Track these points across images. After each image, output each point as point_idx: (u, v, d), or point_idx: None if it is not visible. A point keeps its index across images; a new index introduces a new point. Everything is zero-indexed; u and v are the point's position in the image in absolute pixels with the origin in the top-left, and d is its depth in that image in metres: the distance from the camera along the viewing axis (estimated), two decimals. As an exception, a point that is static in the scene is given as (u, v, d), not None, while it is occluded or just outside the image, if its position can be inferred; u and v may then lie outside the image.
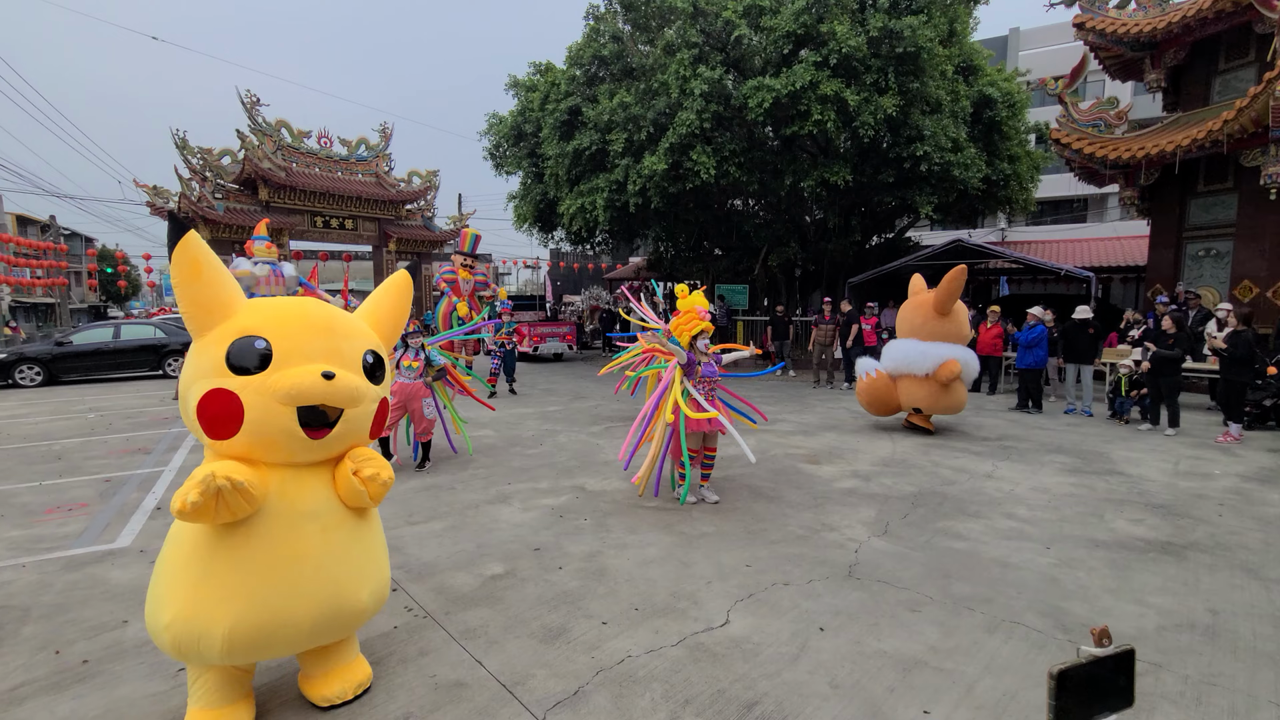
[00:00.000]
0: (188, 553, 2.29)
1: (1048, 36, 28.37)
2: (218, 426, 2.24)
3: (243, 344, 2.28)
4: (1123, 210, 24.33)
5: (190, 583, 2.26)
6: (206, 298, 2.34)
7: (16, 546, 4.41)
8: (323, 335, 2.42)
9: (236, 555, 2.27)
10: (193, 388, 2.28)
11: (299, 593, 2.35)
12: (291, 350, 2.32)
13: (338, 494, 2.51)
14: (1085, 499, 5.39)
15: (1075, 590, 3.67)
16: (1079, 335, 9.47)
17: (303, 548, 2.36)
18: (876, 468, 6.40)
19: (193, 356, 2.36)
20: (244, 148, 21.47)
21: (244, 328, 2.31)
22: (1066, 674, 1.26)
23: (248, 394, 2.23)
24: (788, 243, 15.92)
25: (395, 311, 2.93)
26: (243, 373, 2.25)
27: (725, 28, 12.26)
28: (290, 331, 2.36)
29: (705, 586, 3.72)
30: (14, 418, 9.59)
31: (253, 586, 2.27)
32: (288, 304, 2.51)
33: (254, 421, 2.24)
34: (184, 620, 2.22)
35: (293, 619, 2.34)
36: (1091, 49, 13.45)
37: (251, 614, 2.26)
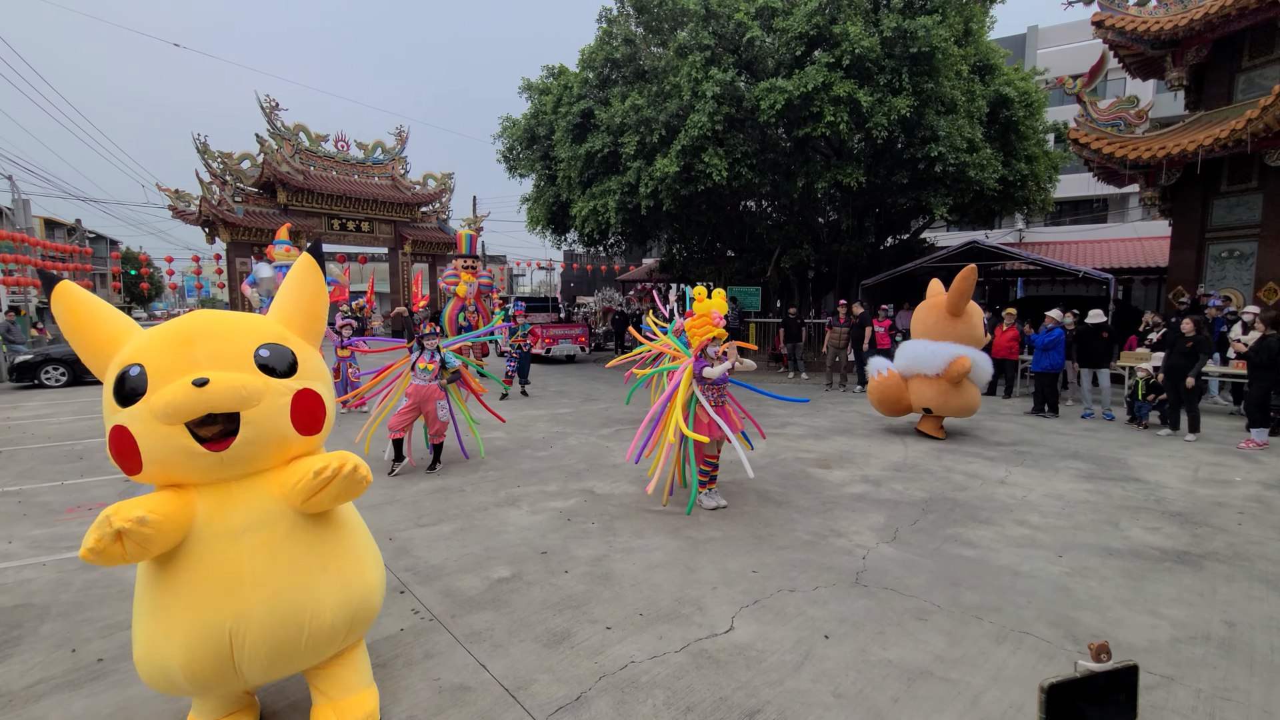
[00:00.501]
0: (141, 584, 2.27)
1: (1066, 35, 27.96)
2: (125, 463, 2.17)
3: (120, 375, 2.18)
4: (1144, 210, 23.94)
5: (142, 618, 2.23)
6: (93, 341, 2.29)
7: (38, 545, 4.52)
8: (196, 343, 2.24)
9: (173, 584, 2.19)
10: (106, 429, 2.22)
11: (243, 613, 2.19)
12: (164, 368, 2.17)
13: (295, 500, 2.31)
14: (1100, 506, 5.30)
15: (1087, 600, 3.62)
16: (1093, 339, 9.34)
17: (240, 565, 2.21)
18: (887, 473, 6.34)
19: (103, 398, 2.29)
20: (263, 152, 21.81)
21: (121, 360, 2.22)
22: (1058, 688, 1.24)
23: (135, 424, 2.13)
24: (800, 244, 15.85)
25: (301, 297, 2.63)
26: (125, 404, 2.15)
27: (737, 29, 12.24)
28: (161, 349, 2.22)
29: (710, 592, 3.72)
30: (39, 418, 9.82)
31: (193, 613, 2.16)
32: (167, 324, 2.37)
33: (150, 450, 2.13)
34: (146, 659, 2.19)
35: (245, 642, 2.19)
36: (1111, 47, 13.24)
37: (199, 643, 2.15)
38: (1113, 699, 1.30)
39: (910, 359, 7.77)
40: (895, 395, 7.94)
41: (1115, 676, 1.30)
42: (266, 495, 2.32)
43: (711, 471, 5.30)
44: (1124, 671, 1.31)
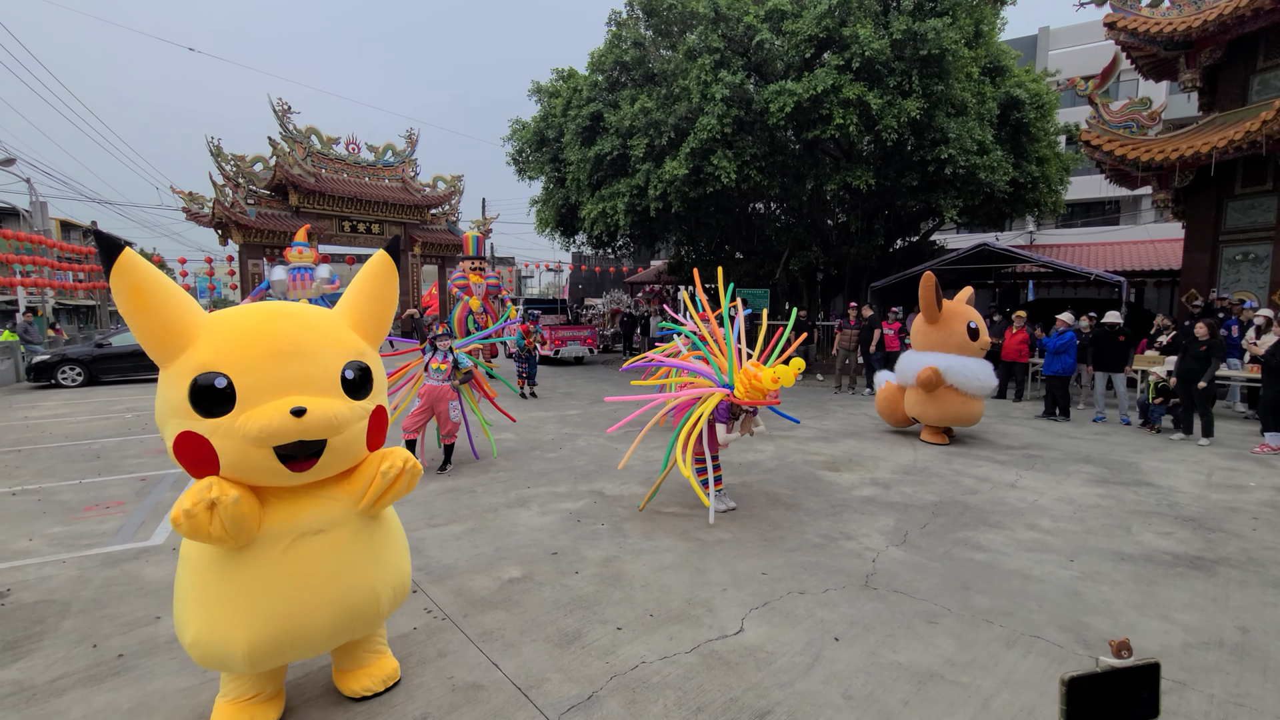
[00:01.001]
0: (199, 573, 2.31)
1: (1078, 36, 27.79)
2: (198, 467, 2.18)
3: (203, 385, 2.10)
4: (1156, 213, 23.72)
5: (204, 606, 2.28)
6: (158, 326, 2.14)
7: (58, 542, 4.60)
8: (288, 361, 2.21)
9: (243, 580, 2.26)
10: (167, 425, 2.20)
11: (311, 608, 2.35)
12: (255, 385, 2.13)
13: (365, 505, 2.46)
14: (1112, 510, 5.28)
15: (1098, 605, 3.61)
16: (1108, 342, 9.28)
17: (310, 566, 2.33)
18: (897, 476, 6.33)
19: (160, 387, 2.23)
20: (275, 154, 22.02)
21: (202, 363, 2.13)
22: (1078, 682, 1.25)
23: (218, 439, 2.11)
24: (809, 246, 15.83)
25: (378, 301, 2.62)
26: (208, 416, 2.11)
27: (747, 32, 12.27)
28: (251, 363, 2.16)
29: (720, 594, 3.74)
30: (57, 417, 9.96)
31: (263, 608, 2.27)
32: (248, 323, 2.26)
33: (231, 464, 2.16)
34: (204, 642, 2.27)
35: (308, 631, 2.36)
36: (1123, 49, 13.17)
37: (265, 633, 2.27)
38: (1135, 696, 1.31)
39: (901, 370, 7.92)
40: (893, 406, 8.14)
41: (1137, 673, 1.31)
42: (334, 500, 2.44)
43: (717, 471, 5.28)
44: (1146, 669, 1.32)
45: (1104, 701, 1.28)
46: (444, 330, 6.47)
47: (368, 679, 2.73)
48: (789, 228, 16.38)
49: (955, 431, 8.10)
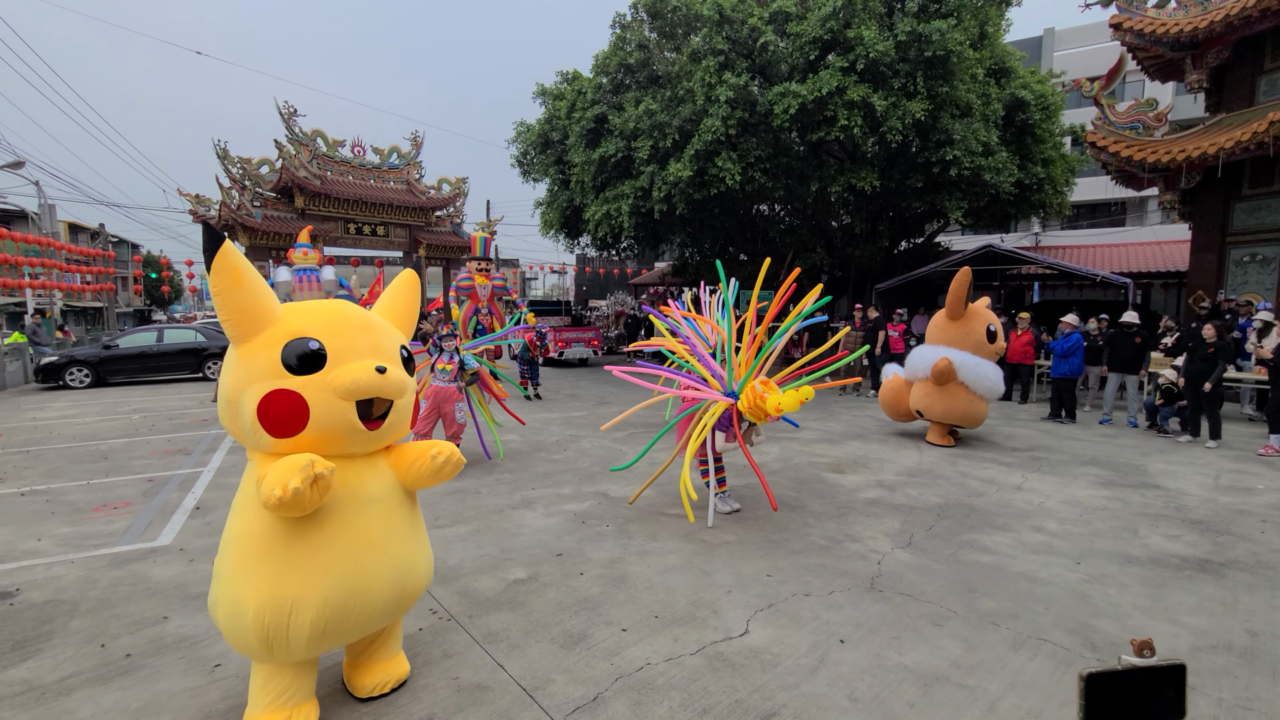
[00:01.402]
0: (262, 546, 2.37)
1: (1084, 37, 27.72)
2: (284, 425, 2.33)
3: (297, 345, 2.37)
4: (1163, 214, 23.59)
5: (271, 573, 2.35)
6: (250, 304, 2.40)
7: (66, 543, 4.63)
8: (365, 333, 2.55)
9: (314, 541, 2.39)
10: (248, 391, 2.35)
11: (372, 572, 2.50)
12: (343, 348, 2.43)
13: (409, 478, 2.67)
14: (1119, 513, 5.25)
15: (1105, 608, 3.59)
16: (1125, 343, 9.19)
17: (369, 531, 2.52)
18: (902, 478, 6.32)
19: (239, 362, 2.41)
20: (281, 157, 22.12)
21: (293, 330, 2.40)
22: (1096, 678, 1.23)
23: (309, 392, 2.33)
24: (814, 248, 15.82)
25: (409, 309, 3.04)
26: (301, 373, 2.35)
27: (751, 34, 12.28)
28: (337, 331, 2.47)
29: (725, 595, 3.73)
30: (65, 418, 10.03)
31: (333, 569, 2.41)
32: (326, 307, 2.59)
33: (319, 418, 2.35)
34: (272, 609, 2.32)
35: (369, 598, 2.50)
36: (1129, 50, 13.11)
37: (335, 595, 2.40)
38: (1158, 696, 1.29)
39: (911, 363, 7.90)
40: (897, 399, 8.14)
41: (1161, 673, 1.29)
42: (386, 472, 2.66)
43: (720, 474, 5.30)
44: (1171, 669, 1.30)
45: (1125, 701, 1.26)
46: (449, 330, 6.46)
47: (383, 674, 2.78)
48: (793, 229, 16.38)
49: (961, 433, 8.08)
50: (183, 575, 4.04)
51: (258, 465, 2.40)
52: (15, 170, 17.19)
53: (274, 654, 2.41)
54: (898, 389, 8.12)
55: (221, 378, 2.51)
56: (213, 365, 15.00)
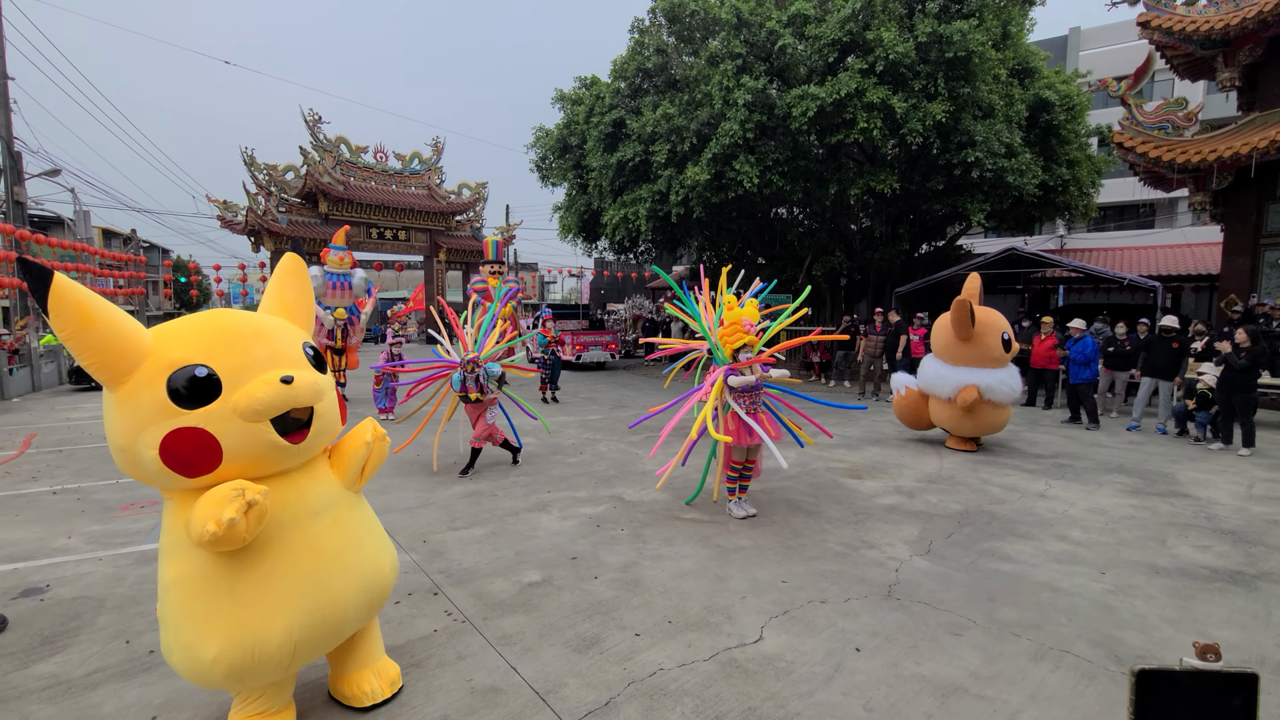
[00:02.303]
0: (207, 587, 2.24)
1: (1110, 36, 27.19)
2: (195, 465, 2.14)
3: (182, 377, 2.12)
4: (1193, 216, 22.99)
5: (226, 613, 2.22)
6: (110, 341, 2.09)
7: (95, 540, 4.74)
8: (258, 342, 2.30)
9: (265, 570, 2.27)
10: (141, 437, 2.12)
11: (335, 586, 2.41)
12: (236, 367, 2.20)
13: (351, 474, 2.59)
14: (1146, 522, 5.12)
15: (1131, 619, 3.50)
16: (1161, 348, 8.94)
17: (323, 544, 2.41)
18: (921, 484, 6.23)
19: (118, 406, 2.15)
20: (306, 163, 22.53)
21: (173, 360, 2.15)
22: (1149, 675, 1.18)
23: (213, 424, 2.13)
24: (833, 251, 15.69)
25: (301, 298, 2.76)
26: (196, 405, 2.12)
27: (769, 38, 12.24)
28: (224, 349, 2.23)
29: (740, 601, 3.71)
30: (96, 418, 10.29)
31: (293, 594, 2.30)
32: (203, 323, 2.33)
33: (233, 447, 2.17)
34: (234, 647, 2.22)
35: (337, 611, 2.42)
36: (1158, 48, 12.82)
37: (301, 619, 2.31)
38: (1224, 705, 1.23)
39: (926, 378, 7.73)
40: (917, 412, 8.01)
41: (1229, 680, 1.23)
42: (327, 480, 2.54)
43: (741, 480, 5.28)
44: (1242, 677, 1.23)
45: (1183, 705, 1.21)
46: (470, 359, 6.22)
47: (374, 677, 2.72)
48: (812, 233, 16.27)
49: (983, 439, 7.94)
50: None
51: (178, 504, 2.26)
52: (52, 178, 17.72)
53: (245, 685, 2.36)
54: (914, 402, 7.97)
55: (105, 424, 2.24)
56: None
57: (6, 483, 6.37)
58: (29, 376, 14.21)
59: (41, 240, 15.14)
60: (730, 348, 5.04)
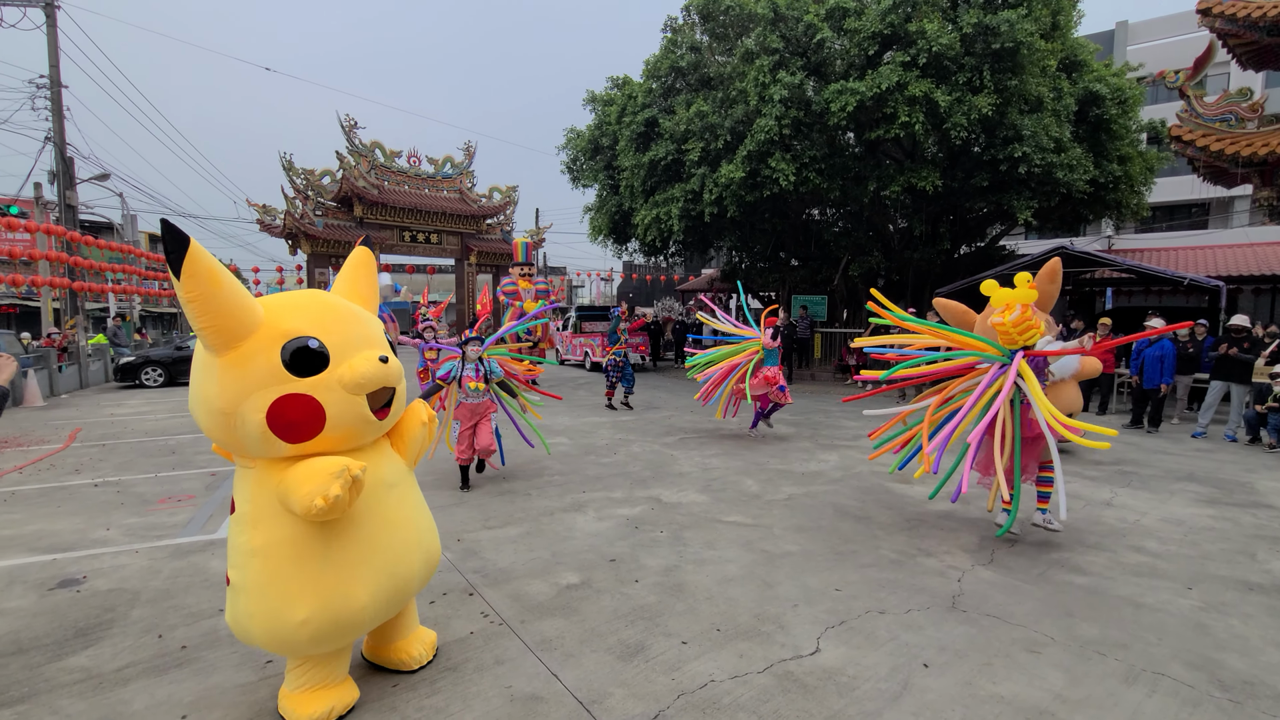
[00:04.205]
0: (297, 553, 2.32)
1: (1160, 29, 26.20)
2: (301, 430, 2.25)
3: (297, 346, 2.25)
4: (1254, 213, 21.88)
5: (316, 578, 2.33)
6: (234, 306, 2.18)
7: (132, 533, 4.73)
8: (356, 323, 2.48)
9: (351, 538, 2.40)
10: (249, 400, 2.19)
11: (404, 554, 2.58)
12: (341, 343, 2.35)
13: (412, 453, 2.79)
14: (1230, 534, 4.73)
15: (1229, 640, 3.17)
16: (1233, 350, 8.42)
17: (395, 514, 2.58)
18: (974, 489, 5.88)
19: (227, 370, 2.21)
20: (342, 168, 22.91)
21: (286, 331, 2.27)
22: None
23: (320, 393, 2.25)
24: (870, 251, 15.28)
25: (371, 290, 2.89)
26: (306, 374, 2.24)
27: (807, 31, 11.96)
28: (331, 325, 2.38)
29: (791, 610, 3.48)
30: (138, 414, 10.49)
31: (374, 560, 2.45)
32: (310, 300, 2.47)
33: (334, 417, 2.30)
34: (322, 611, 2.32)
35: (406, 578, 2.59)
36: (1219, 36, 12.19)
37: (381, 583, 2.47)
38: None
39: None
40: None
41: None
42: (393, 457, 2.72)
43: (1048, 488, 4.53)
44: None
45: None
46: (475, 335, 5.78)
47: (419, 645, 2.87)
48: (848, 232, 15.88)
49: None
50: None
51: (263, 473, 2.34)
52: (101, 182, 18.32)
53: (325, 647, 2.43)
54: None
55: (201, 389, 2.28)
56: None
57: (51, 475, 6.46)
58: (77, 374, 14.62)
59: (91, 242, 15.62)
60: (1021, 340, 4.22)
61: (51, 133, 15.43)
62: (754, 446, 7.82)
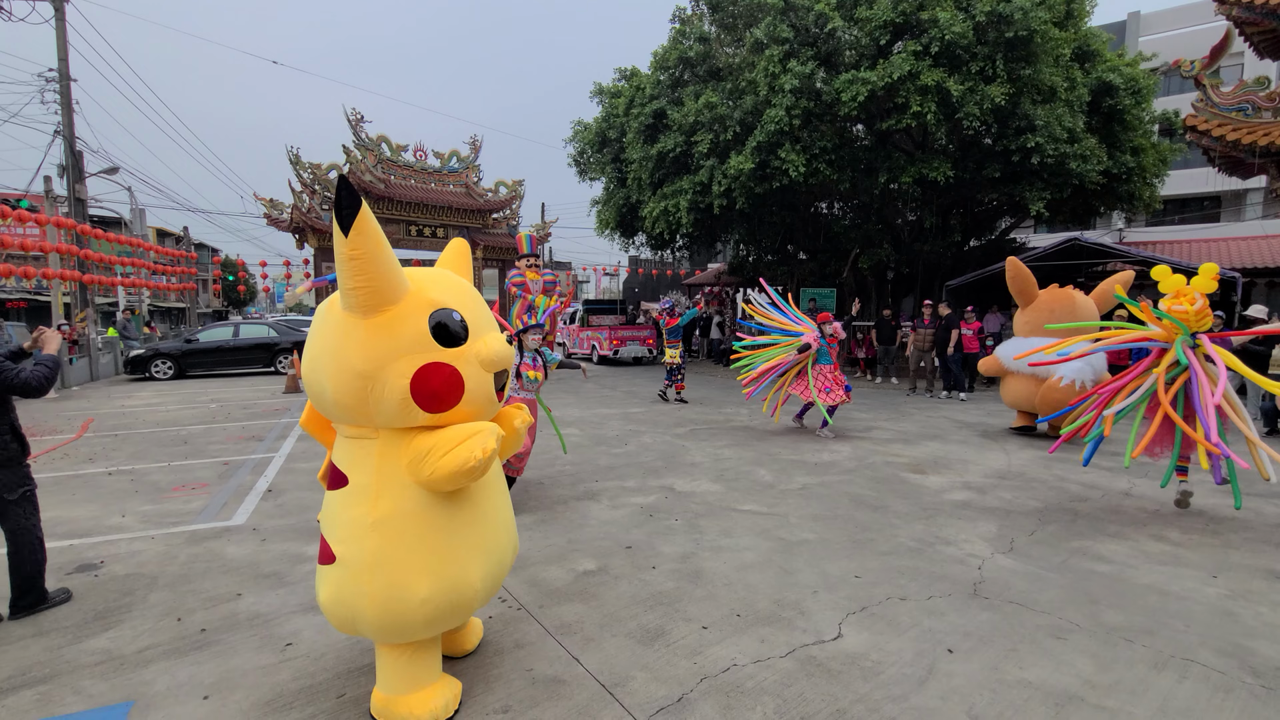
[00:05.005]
0: (419, 527, 2.25)
1: (1172, 20, 25.91)
2: (442, 399, 2.21)
3: (445, 316, 2.24)
4: (1266, 207, 21.65)
5: (437, 554, 2.28)
6: (393, 268, 2.16)
7: (148, 520, 4.73)
8: (482, 305, 2.50)
9: (466, 515, 2.38)
10: (394, 364, 2.15)
11: (502, 537, 2.55)
12: (477, 320, 2.38)
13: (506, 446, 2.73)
14: (1253, 524, 4.67)
15: (1259, 628, 3.12)
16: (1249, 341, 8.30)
17: (496, 498, 2.57)
18: (991, 480, 5.84)
19: (374, 332, 2.15)
20: (349, 162, 22.89)
21: (433, 300, 2.26)
22: None
23: (460, 364, 2.23)
24: (880, 244, 15.18)
25: (468, 278, 2.87)
26: (449, 345, 2.23)
27: (817, 21, 11.85)
28: (468, 302, 2.40)
29: (811, 596, 3.44)
30: (150, 406, 10.53)
31: (485, 539, 2.44)
32: (447, 276, 2.47)
33: (471, 390, 2.28)
34: (442, 590, 2.27)
35: (502, 560, 2.57)
36: (1237, 24, 12.02)
37: (490, 563, 2.46)
38: None
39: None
40: None
41: None
42: None
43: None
44: None
45: None
46: (535, 323, 5.25)
47: (474, 635, 2.90)
48: (857, 225, 15.77)
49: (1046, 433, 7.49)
50: (255, 554, 4.03)
51: (387, 443, 2.26)
52: (110, 176, 18.36)
53: (439, 629, 2.37)
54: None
55: (340, 351, 2.18)
56: (283, 359, 15.56)
57: (65, 464, 6.48)
58: (87, 366, 14.70)
59: (101, 235, 15.67)
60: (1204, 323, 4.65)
61: (61, 126, 15.46)
62: (765, 437, 7.78)
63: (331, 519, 2.33)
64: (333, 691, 2.59)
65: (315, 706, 2.49)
